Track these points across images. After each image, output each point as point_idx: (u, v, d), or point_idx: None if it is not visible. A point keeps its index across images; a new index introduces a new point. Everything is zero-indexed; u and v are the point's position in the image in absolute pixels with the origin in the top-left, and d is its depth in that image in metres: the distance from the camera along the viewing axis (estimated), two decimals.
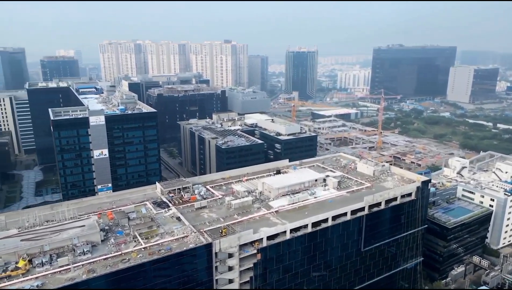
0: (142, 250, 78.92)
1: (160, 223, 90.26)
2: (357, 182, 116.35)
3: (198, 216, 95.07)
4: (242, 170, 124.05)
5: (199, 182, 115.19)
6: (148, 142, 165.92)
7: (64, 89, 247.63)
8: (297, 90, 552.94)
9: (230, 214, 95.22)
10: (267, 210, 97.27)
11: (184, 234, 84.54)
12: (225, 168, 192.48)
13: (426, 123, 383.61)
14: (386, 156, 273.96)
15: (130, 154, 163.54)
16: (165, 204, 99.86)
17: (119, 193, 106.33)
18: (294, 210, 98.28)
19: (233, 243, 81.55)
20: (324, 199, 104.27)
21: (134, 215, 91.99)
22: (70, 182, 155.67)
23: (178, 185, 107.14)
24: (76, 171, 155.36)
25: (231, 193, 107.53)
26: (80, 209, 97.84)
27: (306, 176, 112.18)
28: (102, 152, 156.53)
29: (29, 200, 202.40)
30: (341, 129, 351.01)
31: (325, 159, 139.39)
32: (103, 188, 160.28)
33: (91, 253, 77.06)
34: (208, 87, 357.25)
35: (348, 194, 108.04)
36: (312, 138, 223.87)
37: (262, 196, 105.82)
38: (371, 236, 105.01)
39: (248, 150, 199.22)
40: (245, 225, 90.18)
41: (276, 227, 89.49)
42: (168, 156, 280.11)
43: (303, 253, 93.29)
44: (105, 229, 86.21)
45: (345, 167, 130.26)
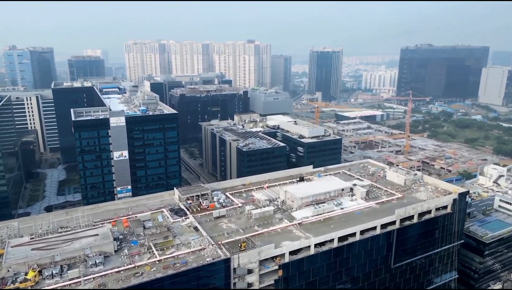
0: (156, 263, 74.39)
1: (176, 233, 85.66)
2: (387, 192, 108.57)
3: (217, 226, 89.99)
4: (263, 176, 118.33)
5: (218, 188, 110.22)
6: (168, 144, 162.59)
7: (88, 89, 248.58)
8: (320, 90, 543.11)
9: (250, 225, 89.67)
10: (289, 221, 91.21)
11: (201, 246, 79.55)
12: (246, 171, 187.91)
13: (456, 127, 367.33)
14: (414, 160, 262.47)
15: (150, 156, 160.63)
16: (182, 212, 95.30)
17: (135, 199, 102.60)
18: (319, 223, 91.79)
19: (253, 259, 75.96)
20: (351, 210, 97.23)
21: (150, 223, 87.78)
22: (90, 184, 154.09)
23: (196, 191, 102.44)
24: (96, 172, 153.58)
25: (252, 202, 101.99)
26: (96, 215, 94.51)
27: (331, 185, 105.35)
28: (122, 153, 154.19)
29: (51, 199, 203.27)
30: (366, 131, 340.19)
31: (352, 166, 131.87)
32: (123, 190, 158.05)
33: (103, 265, 73.08)
34: (231, 87, 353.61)
35: (377, 206, 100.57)
36: (337, 141, 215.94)
37: (284, 205, 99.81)
38: (402, 251, 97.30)
39: (269, 153, 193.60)
40: (266, 238, 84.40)
41: (300, 241, 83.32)
42: (189, 157, 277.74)
43: (328, 269, 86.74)
44: (119, 238, 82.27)
45: (373, 175, 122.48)
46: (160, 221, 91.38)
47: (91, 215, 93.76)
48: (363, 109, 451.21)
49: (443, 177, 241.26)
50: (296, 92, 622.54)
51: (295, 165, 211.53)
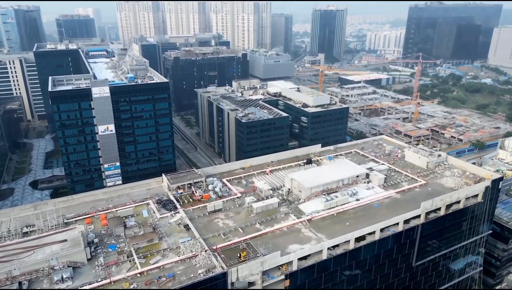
0: (137, 276, 61.30)
1: (163, 234, 72.17)
2: (408, 178, 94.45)
3: (211, 223, 76.42)
4: (265, 158, 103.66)
5: (214, 173, 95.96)
6: (159, 116, 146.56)
7: (74, 52, 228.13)
8: (323, 51, 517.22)
9: (251, 222, 76.07)
10: (297, 217, 77.54)
11: (193, 252, 66.25)
12: (245, 144, 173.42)
13: (466, 91, 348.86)
14: (423, 129, 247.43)
15: (140, 130, 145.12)
16: (171, 205, 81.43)
17: (117, 188, 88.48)
18: (331, 218, 78.20)
19: (255, 270, 62.86)
20: (369, 201, 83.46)
21: (133, 221, 74.05)
22: (73, 161, 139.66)
23: (188, 179, 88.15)
24: (79, 148, 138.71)
25: (253, 191, 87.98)
26: (70, 209, 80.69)
27: (345, 171, 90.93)
28: (108, 127, 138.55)
29: (37, 173, 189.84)
30: (372, 97, 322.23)
31: (365, 144, 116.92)
32: (110, 167, 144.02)
33: (72, 280, 59.99)
34: (228, 49, 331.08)
35: (398, 195, 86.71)
36: (343, 110, 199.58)
37: (290, 195, 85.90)
38: (426, 247, 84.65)
39: (271, 124, 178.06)
40: (269, 239, 71.10)
41: (310, 244, 70.02)
42: (185, 126, 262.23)
43: (342, 273, 74.21)
44: (93, 242, 68.76)
45: (390, 156, 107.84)
46: (144, 217, 77.68)
47: (64, 209, 79.97)
48: (368, 72, 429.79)
49: (454, 147, 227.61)
50: (297, 53, 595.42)
51: (298, 136, 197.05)
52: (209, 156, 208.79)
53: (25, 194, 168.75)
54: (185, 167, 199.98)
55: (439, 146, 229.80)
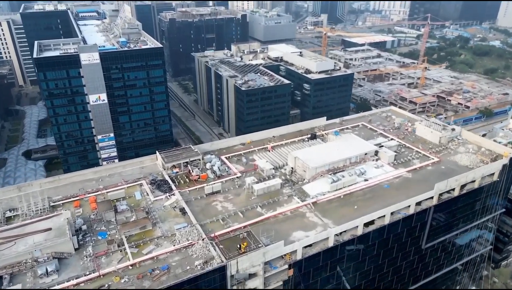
0: (129, 269, 56.52)
1: (157, 219, 66.98)
2: (419, 155, 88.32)
3: (209, 206, 71.05)
4: (266, 133, 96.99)
5: (212, 150, 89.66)
6: (154, 84, 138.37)
7: (63, 13, 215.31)
8: (325, 12, 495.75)
9: (252, 205, 70.69)
10: (301, 200, 72.07)
11: (189, 241, 61.24)
12: (245, 112, 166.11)
13: (474, 54, 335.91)
14: (429, 95, 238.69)
15: (133, 100, 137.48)
16: (166, 186, 75.76)
17: (108, 167, 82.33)
18: (338, 200, 72.80)
19: (256, 261, 58.07)
20: (378, 182, 77.79)
21: (124, 205, 68.49)
22: (64, 132, 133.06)
23: (184, 157, 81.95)
24: (70, 119, 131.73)
25: (253, 170, 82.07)
26: (57, 190, 75.07)
27: (352, 148, 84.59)
28: (100, 97, 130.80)
29: (30, 142, 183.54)
30: (376, 60, 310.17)
31: (373, 116, 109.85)
32: (104, 138, 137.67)
33: (57, 273, 55.23)
34: (227, 10, 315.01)
35: (409, 174, 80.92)
36: (348, 77, 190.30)
37: (294, 175, 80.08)
38: (437, 229, 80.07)
39: (272, 92, 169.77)
40: (272, 224, 66.01)
41: (315, 230, 64.99)
42: (182, 92, 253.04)
43: (349, 260, 69.78)
44: (81, 229, 63.57)
45: (399, 129, 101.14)
46: (137, 200, 72.21)
47: (51, 191, 74.37)
48: (372, 34, 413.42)
49: (460, 115, 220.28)
50: (299, 14, 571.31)
51: (300, 104, 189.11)
52: (208, 125, 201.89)
53: (18, 165, 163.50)
54: (183, 136, 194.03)
55: (445, 114, 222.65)
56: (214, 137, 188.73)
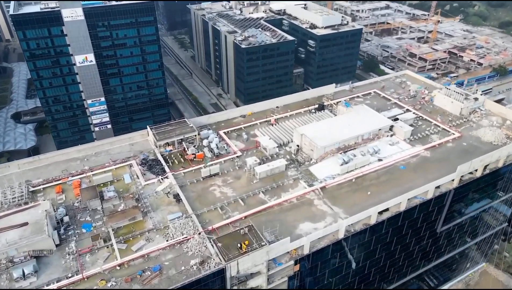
0: (116, 270, 50.45)
1: (148, 207, 60.18)
2: (438, 129, 79.96)
3: (206, 191, 64.00)
4: (269, 104, 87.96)
5: (209, 123, 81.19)
6: (145, 43, 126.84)
7: None
8: None
9: (254, 191, 63.63)
10: (308, 184, 64.83)
11: (184, 235, 54.81)
12: (245, 72, 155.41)
13: (488, 6, 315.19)
14: (440, 51, 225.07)
15: (124, 60, 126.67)
16: (159, 167, 68.32)
17: (94, 144, 74.21)
18: (349, 184, 65.62)
19: (259, 261, 51.91)
20: (393, 162, 70.17)
21: (111, 192, 61.25)
22: (51, 97, 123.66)
23: (178, 134, 73.64)
24: (56, 82, 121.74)
25: (255, 148, 74.16)
26: (37, 172, 67.71)
27: (365, 123, 76.01)
28: (87, 57, 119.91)
29: (19, 103, 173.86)
30: (384, 12, 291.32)
31: (386, 82, 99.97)
32: (95, 102, 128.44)
33: (36, 275, 49.23)
34: None
35: (427, 153, 73.09)
36: (356, 32, 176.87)
37: (300, 154, 72.25)
38: (455, 212, 73.77)
39: (274, 49, 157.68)
40: (276, 214, 59.34)
41: (325, 221, 58.43)
42: (178, 47, 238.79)
43: (360, 249, 63.92)
44: (63, 221, 56.91)
45: (415, 98, 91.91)
46: (126, 184, 65.02)
47: (31, 173, 67.08)
48: None
49: (473, 73, 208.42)
50: None
51: (304, 62, 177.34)
52: (205, 85, 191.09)
53: (7, 129, 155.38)
54: (180, 97, 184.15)
55: (456, 71, 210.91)
56: (213, 98, 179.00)
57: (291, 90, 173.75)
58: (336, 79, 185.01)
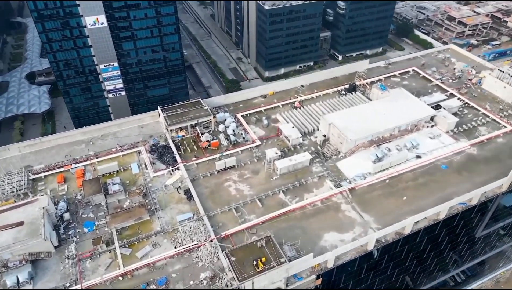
0: (119, 279, 45.58)
1: (157, 204, 54.43)
2: (487, 119, 69.85)
3: (221, 188, 57.52)
4: (293, 82, 78.79)
5: (226, 104, 73.25)
6: (160, 4, 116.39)
7: None
8: None
9: (273, 189, 56.79)
10: (335, 184, 57.38)
11: (194, 241, 49.17)
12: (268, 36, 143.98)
13: None
14: (482, 15, 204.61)
15: (138, 23, 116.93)
16: (169, 155, 61.90)
17: (100, 126, 67.67)
18: (382, 186, 57.87)
19: (277, 278, 45.99)
20: (433, 160, 61.55)
21: (117, 186, 55.50)
22: (61, 60, 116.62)
23: (191, 118, 66.25)
24: (66, 46, 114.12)
25: (276, 136, 66.38)
26: (39, 156, 62.44)
27: (403, 112, 66.47)
28: (98, 19, 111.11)
29: (33, 62, 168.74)
30: None
31: (427, 57, 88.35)
32: (108, 68, 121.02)
33: (31, 283, 44.91)
34: None
35: (473, 150, 63.89)
36: None
37: (326, 146, 64.15)
38: (498, 216, 65.63)
39: (300, 11, 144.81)
40: (298, 221, 52.69)
41: (353, 232, 51.54)
42: (197, 4, 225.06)
43: (389, 260, 57.30)
44: (63, 218, 51.87)
45: (460, 79, 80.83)
46: (134, 175, 59.11)
47: (32, 157, 61.85)
48: None
49: None
50: None
51: (332, 25, 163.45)
52: (225, 47, 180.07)
53: (21, 90, 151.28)
54: (198, 60, 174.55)
55: (499, 39, 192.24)
56: (232, 62, 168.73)
57: (316, 56, 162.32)
58: (366, 44, 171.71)
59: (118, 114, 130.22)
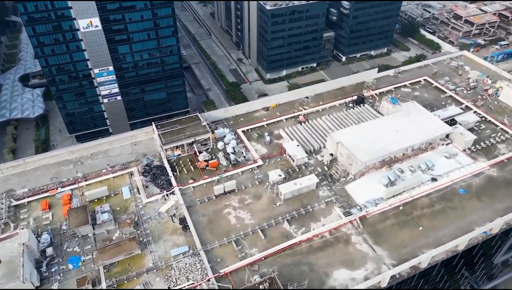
0: None
1: (149, 236, 49.73)
2: (506, 136, 64.90)
3: (219, 216, 52.78)
4: (298, 93, 73.67)
5: (226, 117, 68.29)
6: (157, 6, 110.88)
7: None
8: None
9: (276, 218, 52.05)
10: (344, 212, 52.50)
11: (190, 280, 44.54)
12: (269, 37, 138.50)
13: None
14: (489, 13, 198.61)
15: (134, 26, 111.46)
16: (164, 178, 57.09)
17: (90, 144, 62.78)
18: (396, 214, 53.07)
19: None
20: (450, 183, 56.71)
21: (106, 214, 50.72)
22: (54, 65, 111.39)
23: (188, 136, 61.32)
24: (59, 50, 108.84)
25: (280, 154, 61.52)
26: (23, 178, 57.65)
27: (417, 129, 61.52)
28: (92, 22, 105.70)
29: (27, 64, 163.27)
30: None
31: (439, 65, 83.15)
32: (102, 72, 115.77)
33: None
34: None
35: (493, 171, 59.00)
36: None
37: (334, 166, 59.23)
38: None
39: (303, 11, 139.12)
40: (304, 256, 47.96)
41: (365, 269, 46.81)
42: (197, 2, 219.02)
43: None
44: (46, 253, 47.20)
45: (475, 90, 75.72)
46: (125, 200, 54.36)
47: (15, 179, 57.08)
48: None
49: None
50: None
51: (335, 25, 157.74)
52: (225, 47, 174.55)
53: (14, 94, 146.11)
54: (197, 61, 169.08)
55: (507, 38, 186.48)
56: (232, 63, 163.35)
57: (319, 57, 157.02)
58: (371, 45, 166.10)
59: (114, 120, 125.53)
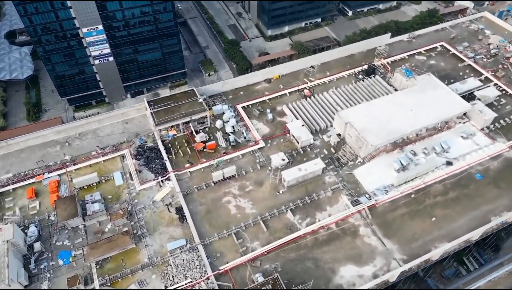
0: None
1: (144, 227, 46.63)
2: None
3: (218, 204, 49.33)
4: (302, 63, 67.24)
5: (224, 91, 62.79)
6: None
7: None
8: None
9: (279, 207, 48.67)
10: (352, 201, 48.80)
11: (188, 277, 42.01)
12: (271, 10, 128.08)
13: None
14: None
15: None
16: (158, 161, 53.01)
17: (78, 123, 57.81)
18: (407, 202, 49.57)
19: None
20: (466, 167, 52.66)
21: (97, 205, 47.22)
22: (39, 24, 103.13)
23: (184, 115, 56.21)
24: (42, 7, 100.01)
25: (283, 134, 56.89)
26: (6, 161, 53.64)
27: (432, 108, 56.27)
28: None
29: (13, 19, 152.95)
30: None
31: (457, 29, 75.78)
32: (91, 31, 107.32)
33: None
34: None
35: None
36: None
37: (342, 148, 54.84)
38: None
39: None
40: (309, 250, 45.07)
41: (373, 265, 44.04)
42: None
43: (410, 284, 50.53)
44: (33, 248, 44.27)
45: (496, 58, 69.35)
46: (116, 187, 50.66)
47: None
48: None
49: None
50: None
51: None
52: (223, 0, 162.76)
53: (1, 52, 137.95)
54: (193, 15, 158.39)
55: None
56: (231, 18, 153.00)
57: (324, 11, 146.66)
58: None
59: (107, 82, 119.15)
